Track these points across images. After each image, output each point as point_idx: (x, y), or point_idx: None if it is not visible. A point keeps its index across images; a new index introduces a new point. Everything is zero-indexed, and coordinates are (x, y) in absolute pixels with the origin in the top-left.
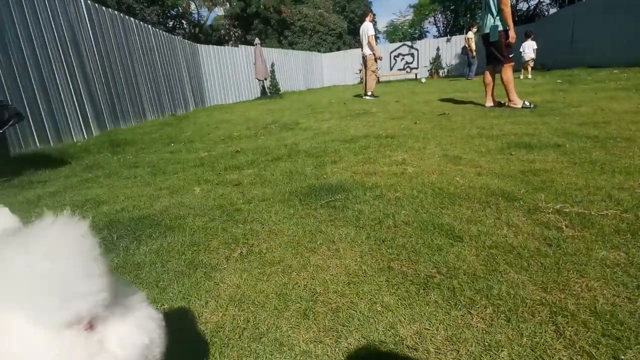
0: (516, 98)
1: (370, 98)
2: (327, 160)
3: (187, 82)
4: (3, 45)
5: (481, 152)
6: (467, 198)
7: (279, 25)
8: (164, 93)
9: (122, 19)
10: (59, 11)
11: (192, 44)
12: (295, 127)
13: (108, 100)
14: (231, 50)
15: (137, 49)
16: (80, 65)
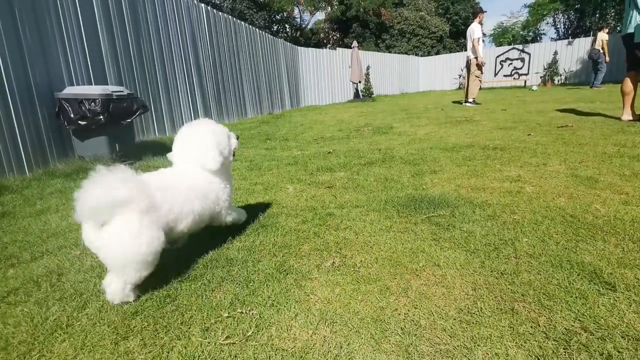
0: (628, 110)
1: (472, 105)
2: (426, 169)
3: (286, 83)
4: (137, 42)
5: (625, 175)
6: (614, 232)
7: (378, 28)
8: (265, 92)
9: (234, 22)
10: (184, 13)
11: (293, 46)
12: (389, 131)
13: (216, 96)
14: (328, 52)
15: (244, 50)
16: (196, 64)
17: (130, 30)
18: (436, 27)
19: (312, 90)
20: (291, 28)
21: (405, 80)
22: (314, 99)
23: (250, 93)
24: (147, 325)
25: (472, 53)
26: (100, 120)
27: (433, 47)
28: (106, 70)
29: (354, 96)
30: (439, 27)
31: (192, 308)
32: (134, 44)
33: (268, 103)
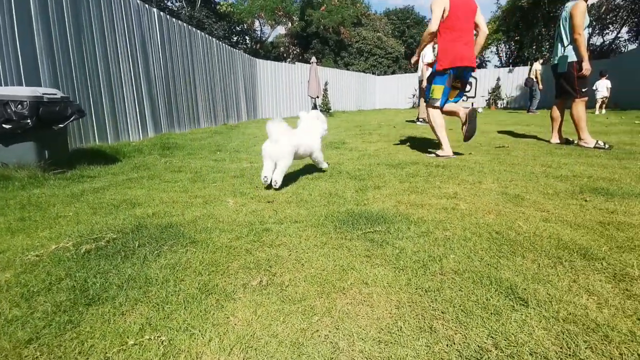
0: (588, 136)
1: (422, 124)
2: (370, 184)
3: (243, 94)
4: (78, 43)
5: (548, 193)
6: (533, 249)
7: (337, 45)
8: (220, 102)
9: (189, 30)
10: (133, 18)
11: (251, 58)
12: (341, 146)
13: (167, 104)
14: (288, 66)
15: (199, 59)
16: (145, 70)
17: (70, 31)
18: (392, 48)
19: (270, 102)
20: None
21: (362, 97)
22: (271, 111)
23: (205, 103)
24: (40, 356)
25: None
26: (28, 124)
27: (389, 66)
28: (40, 71)
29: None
30: (395, 48)
31: (94, 335)
32: (75, 45)
33: (223, 114)
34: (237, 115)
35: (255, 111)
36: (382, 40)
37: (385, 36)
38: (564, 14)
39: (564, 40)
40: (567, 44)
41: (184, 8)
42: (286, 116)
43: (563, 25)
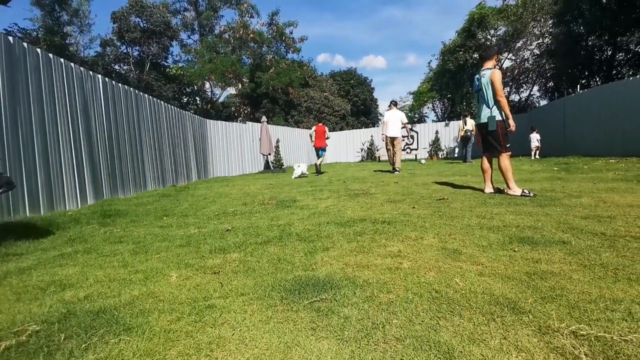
0: (515, 186)
1: (399, 172)
2: (319, 246)
3: (193, 154)
4: (13, 115)
5: (482, 246)
6: (469, 306)
7: (286, 105)
8: (168, 164)
9: (136, 94)
10: (76, 85)
11: (201, 119)
12: (292, 205)
13: (110, 168)
14: (239, 126)
15: (146, 122)
16: (87, 135)
17: (5, 100)
18: (339, 107)
19: (221, 161)
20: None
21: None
22: (223, 170)
23: (152, 165)
24: None
25: (398, 133)
26: None
27: (337, 123)
28: None
29: (265, 167)
30: (341, 106)
31: None
32: (9, 115)
33: (172, 175)
34: (186, 175)
35: (206, 170)
36: (329, 99)
37: (331, 95)
38: (484, 80)
39: (489, 102)
40: (491, 105)
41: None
42: (237, 174)
43: (485, 89)
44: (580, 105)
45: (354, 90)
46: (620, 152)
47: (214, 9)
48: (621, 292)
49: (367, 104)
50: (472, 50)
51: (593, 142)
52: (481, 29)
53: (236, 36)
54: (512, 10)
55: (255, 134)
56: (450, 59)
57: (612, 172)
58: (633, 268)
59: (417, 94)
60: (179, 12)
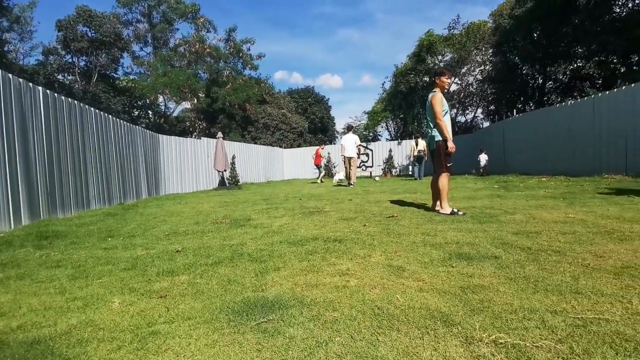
0: (446, 205)
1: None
2: (271, 266)
3: (143, 171)
4: None
5: (425, 262)
6: (406, 321)
7: (243, 121)
8: (115, 180)
9: (81, 108)
10: (13, 99)
11: (153, 134)
12: (246, 223)
13: (48, 186)
14: (193, 141)
15: (91, 137)
16: (23, 151)
17: None
18: (297, 124)
19: (174, 178)
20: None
21: (270, 169)
22: (176, 187)
23: (96, 182)
24: None
25: (354, 153)
26: None
27: (295, 140)
28: None
29: (220, 184)
30: (299, 123)
31: None
32: None
33: (119, 192)
34: (135, 193)
35: (157, 188)
36: (286, 116)
37: (289, 113)
38: (427, 103)
39: (431, 123)
40: (432, 126)
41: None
42: (191, 191)
43: (428, 112)
44: (516, 128)
45: (312, 108)
46: (550, 171)
47: (168, 22)
48: (538, 302)
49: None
50: (422, 74)
51: (528, 161)
52: (430, 55)
53: (192, 50)
54: (456, 38)
55: (211, 149)
56: (402, 81)
57: (543, 190)
58: (550, 280)
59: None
60: (131, 24)
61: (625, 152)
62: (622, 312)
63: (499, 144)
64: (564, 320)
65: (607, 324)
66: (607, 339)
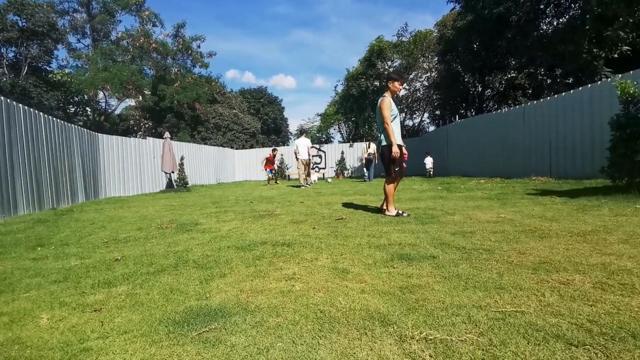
0: (392, 208)
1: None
2: (217, 272)
3: (80, 173)
4: None
5: (368, 264)
6: (347, 323)
7: (193, 120)
8: (47, 183)
9: (8, 105)
10: None
11: (92, 133)
12: (194, 228)
13: None
14: (138, 141)
15: (18, 136)
16: None
17: None
18: (249, 124)
19: (116, 180)
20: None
21: (221, 170)
22: (118, 189)
23: (24, 186)
24: None
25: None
26: None
27: (247, 141)
28: None
29: (167, 186)
30: (251, 124)
31: None
32: None
33: (51, 197)
34: (71, 197)
35: (96, 191)
36: (238, 116)
37: (241, 113)
38: (377, 106)
39: (380, 127)
40: (381, 130)
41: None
42: (135, 194)
43: (378, 115)
44: (458, 132)
45: (265, 109)
46: (488, 173)
47: (110, 13)
48: (466, 298)
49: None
50: (372, 78)
51: (469, 164)
52: (380, 60)
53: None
54: (405, 46)
55: (157, 150)
56: (353, 85)
57: (480, 192)
58: (479, 277)
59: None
60: (67, 13)
61: (550, 157)
62: (536, 304)
63: (443, 148)
64: (487, 315)
65: (523, 316)
66: (521, 330)
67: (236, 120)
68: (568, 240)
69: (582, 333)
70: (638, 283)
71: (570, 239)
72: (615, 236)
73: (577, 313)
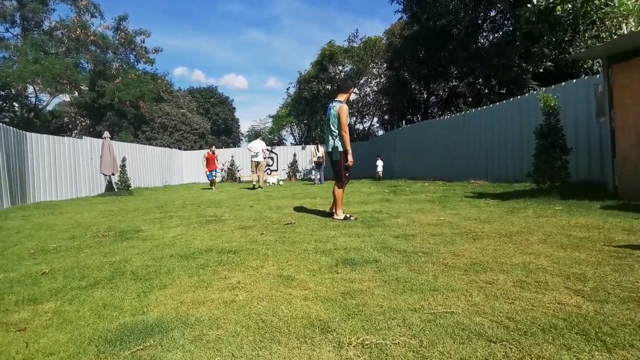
0: (340, 212)
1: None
2: (157, 284)
3: (4, 176)
4: None
5: (313, 270)
6: (288, 332)
7: (136, 119)
8: None
9: None
10: None
11: (19, 131)
12: (134, 236)
13: None
14: (73, 141)
15: None
16: None
17: None
18: (198, 125)
19: (47, 183)
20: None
21: (168, 172)
22: (49, 194)
23: None
24: None
25: (262, 158)
26: None
27: (196, 142)
28: None
29: (107, 189)
30: (200, 124)
31: None
32: None
33: None
34: None
35: (23, 195)
36: (186, 116)
37: (190, 112)
38: (332, 111)
39: (334, 133)
40: (335, 136)
41: None
42: (70, 198)
43: (333, 121)
44: (406, 137)
45: (215, 109)
46: (432, 176)
47: (42, 1)
48: (403, 301)
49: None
50: (324, 82)
51: (415, 167)
52: (332, 64)
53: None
54: (355, 51)
55: (96, 151)
56: (306, 88)
57: (424, 194)
58: (416, 280)
59: (276, 117)
60: None
61: (486, 162)
62: (464, 304)
63: (391, 151)
64: (420, 317)
65: (452, 316)
66: (449, 329)
67: (184, 120)
68: (497, 241)
69: (501, 330)
70: (551, 280)
71: (499, 240)
72: (536, 236)
73: (499, 311)
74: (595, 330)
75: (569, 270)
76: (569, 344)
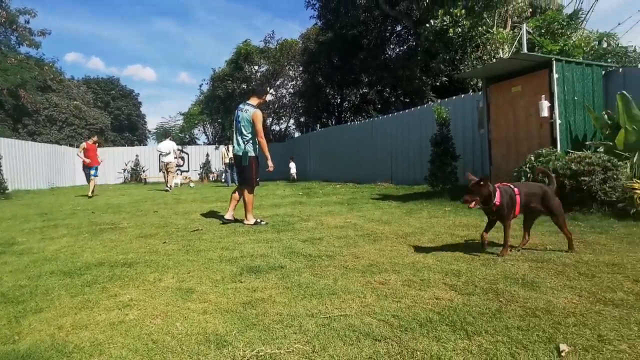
0: (251, 217)
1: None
2: (31, 307)
3: None
4: None
5: (216, 280)
6: (180, 351)
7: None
8: None
9: None
10: None
11: None
12: (7, 250)
13: None
14: None
15: None
16: None
17: None
18: (95, 119)
19: None
20: None
21: (57, 172)
22: None
23: None
24: None
25: (172, 159)
26: None
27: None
28: None
29: None
30: (99, 119)
31: None
32: None
33: None
34: None
35: None
36: (81, 109)
37: (85, 106)
38: (245, 115)
39: (245, 137)
40: (247, 140)
41: None
42: None
43: (244, 125)
44: (320, 140)
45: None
46: (344, 179)
47: None
48: (302, 307)
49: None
50: (239, 81)
51: (328, 170)
52: (247, 63)
53: None
54: (271, 52)
55: None
56: (220, 86)
57: (335, 196)
58: (317, 284)
59: (188, 115)
60: None
61: (391, 165)
62: (358, 306)
63: (306, 154)
64: (316, 322)
65: (345, 319)
66: (341, 332)
67: (78, 113)
68: (394, 242)
69: (386, 328)
70: (433, 278)
71: (396, 240)
72: (427, 237)
73: (386, 310)
74: (460, 321)
75: (449, 267)
76: (439, 335)
